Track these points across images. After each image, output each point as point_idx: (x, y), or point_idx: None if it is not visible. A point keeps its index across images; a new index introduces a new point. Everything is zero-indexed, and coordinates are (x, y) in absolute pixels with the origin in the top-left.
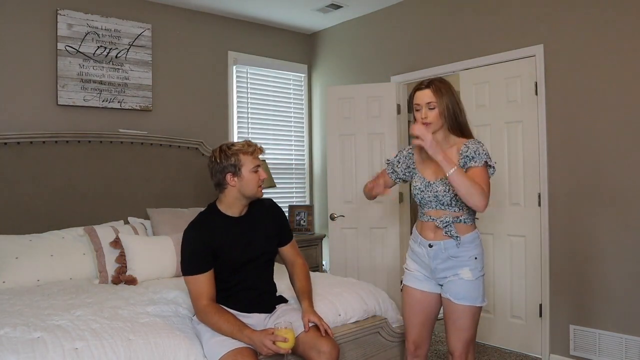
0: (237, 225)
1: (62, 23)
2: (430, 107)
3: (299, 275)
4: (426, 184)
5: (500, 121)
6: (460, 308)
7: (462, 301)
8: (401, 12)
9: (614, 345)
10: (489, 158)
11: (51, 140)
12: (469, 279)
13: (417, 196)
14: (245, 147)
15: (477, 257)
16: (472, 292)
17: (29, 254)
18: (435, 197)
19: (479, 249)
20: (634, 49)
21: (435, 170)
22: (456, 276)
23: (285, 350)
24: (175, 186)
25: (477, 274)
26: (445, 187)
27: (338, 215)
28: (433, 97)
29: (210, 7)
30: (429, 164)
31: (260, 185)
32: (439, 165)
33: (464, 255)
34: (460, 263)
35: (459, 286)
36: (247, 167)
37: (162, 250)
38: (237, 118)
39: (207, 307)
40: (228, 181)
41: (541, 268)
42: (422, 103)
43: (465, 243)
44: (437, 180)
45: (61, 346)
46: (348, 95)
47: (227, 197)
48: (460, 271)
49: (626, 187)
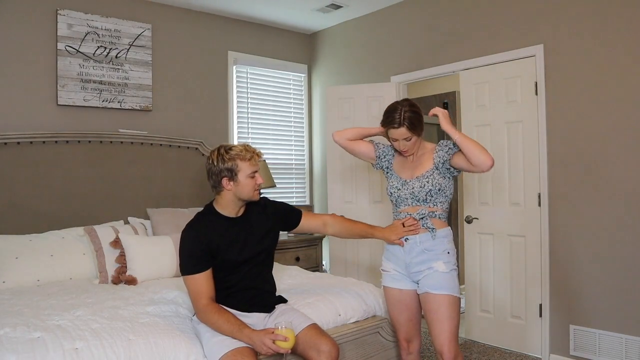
0: (234, 226)
1: (62, 23)
2: (407, 140)
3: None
4: (403, 182)
5: (500, 121)
6: (440, 298)
7: (440, 290)
8: (401, 12)
9: (614, 345)
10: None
11: (51, 140)
12: (444, 271)
13: (393, 195)
14: (243, 152)
15: (449, 251)
16: (448, 282)
17: (29, 254)
18: (411, 193)
19: (451, 245)
20: (634, 49)
21: (412, 171)
22: (431, 269)
23: (285, 349)
24: (175, 186)
25: (451, 267)
26: (421, 183)
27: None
28: (408, 133)
29: (210, 7)
30: (407, 165)
31: (256, 189)
32: (415, 166)
33: (438, 249)
34: (435, 256)
35: (436, 278)
36: (244, 173)
37: (162, 250)
38: (237, 118)
39: (206, 307)
40: (224, 185)
41: (541, 268)
42: (399, 138)
43: (440, 237)
44: (413, 178)
45: (61, 346)
46: (348, 96)
47: (223, 199)
48: (434, 264)
49: (626, 186)
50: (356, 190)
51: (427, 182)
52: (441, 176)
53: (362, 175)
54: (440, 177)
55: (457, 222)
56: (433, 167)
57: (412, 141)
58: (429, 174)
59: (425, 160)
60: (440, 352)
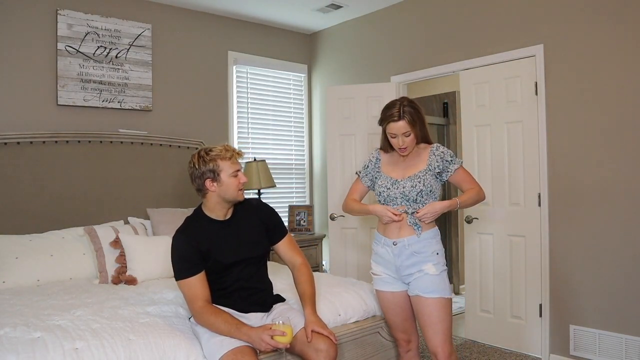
0: (223, 229)
1: (62, 23)
2: (406, 135)
3: (299, 277)
4: (393, 182)
5: (500, 121)
6: (431, 301)
7: (431, 294)
8: (401, 12)
9: (614, 345)
10: (456, 156)
11: (51, 140)
12: (434, 273)
13: (382, 194)
14: (223, 152)
15: (438, 252)
16: (439, 284)
17: (29, 254)
18: (402, 193)
19: (439, 245)
20: (634, 49)
21: (404, 170)
22: (421, 272)
23: (284, 344)
24: (175, 186)
25: (441, 268)
26: (412, 183)
27: (338, 215)
28: (408, 127)
29: (210, 7)
30: (399, 164)
31: (241, 188)
32: (408, 166)
33: (427, 251)
34: (424, 259)
35: (426, 281)
36: (225, 172)
37: (162, 251)
38: (237, 118)
39: (202, 309)
40: (208, 187)
41: (541, 268)
42: (399, 133)
43: (428, 238)
44: (404, 178)
45: (61, 346)
46: (348, 95)
47: (209, 202)
48: (424, 267)
49: (626, 186)
50: None
51: (419, 182)
52: (433, 178)
53: None
54: (432, 179)
55: (457, 222)
56: (426, 168)
57: (410, 137)
58: (421, 174)
59: (419, 161)
60: (434, 354)
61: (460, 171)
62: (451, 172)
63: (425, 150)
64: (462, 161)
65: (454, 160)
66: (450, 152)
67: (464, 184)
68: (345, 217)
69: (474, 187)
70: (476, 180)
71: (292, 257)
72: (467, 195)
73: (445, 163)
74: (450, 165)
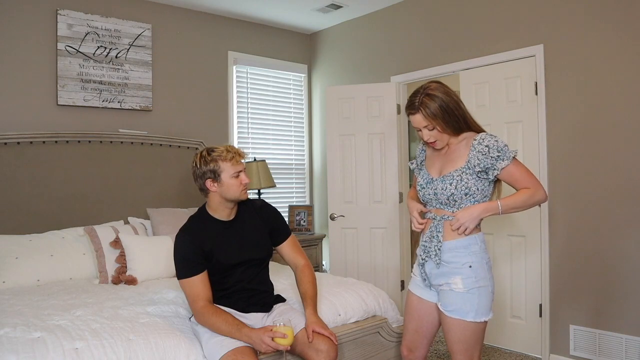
0: (227, 229)
1: (62, 23)
2: (428, 128)
3: (301, 278)
4: (428, 181)
5: (500, 121)
6: (449, 320)
7: (451, 314)
8: (401, 12)
9: (614, 345)
10: (508, 147)
11: (51, 140)
12: (459, 290)
13: (419, 192)
14: (224, 153)
15: (471, 265)
16: (462, 304)
17: (29, 254)
18: (434, 194)
19: (475, 257)
20: (634, 49)
21: (440, 167)
22: (448, 286)
23: (284, 346)
24: (175, 186)
25: (471, 285)
26: (443, 184)
27: (338, 215)
28: (425, 121)
29: (210, 7)
30: (437, 159)
31: (243, 189)
32: (446, 162)
33: (457, 262)
34: (453, 270)
35: (449, 297)
36: (227, 173)
37: (162, 250)
38: (237, 118)
39: (204, 309)
40: (209, 187)
41: (541, 268)
42: (420, 126)
43: (459, 247)
44: (438, 177)
45: (61, 346)
46: (348, 95)
47: (212, 202)
48: (451, 280)
49: (626, 186)
50: (356, 190)
51: (451, 184)
52: (474, 178)
53: (362, 175)
54: (472, 179)
55: None
56: (465, 165)
57: (435, 132)
58: (457, 173)
59: (458, 157)
60: None
61: (511, 169)
62: (498, 171)
63: (468, 143)
64: (514, 155)
65: (502, 156)
66: (500, 144)
67: (517, 185)
68: (345, 217)
69: (530, 187)
70: (535, 177)
71: (295, 258)
72: (515, 197)
73: (489, 160)
74: (497, 162)
